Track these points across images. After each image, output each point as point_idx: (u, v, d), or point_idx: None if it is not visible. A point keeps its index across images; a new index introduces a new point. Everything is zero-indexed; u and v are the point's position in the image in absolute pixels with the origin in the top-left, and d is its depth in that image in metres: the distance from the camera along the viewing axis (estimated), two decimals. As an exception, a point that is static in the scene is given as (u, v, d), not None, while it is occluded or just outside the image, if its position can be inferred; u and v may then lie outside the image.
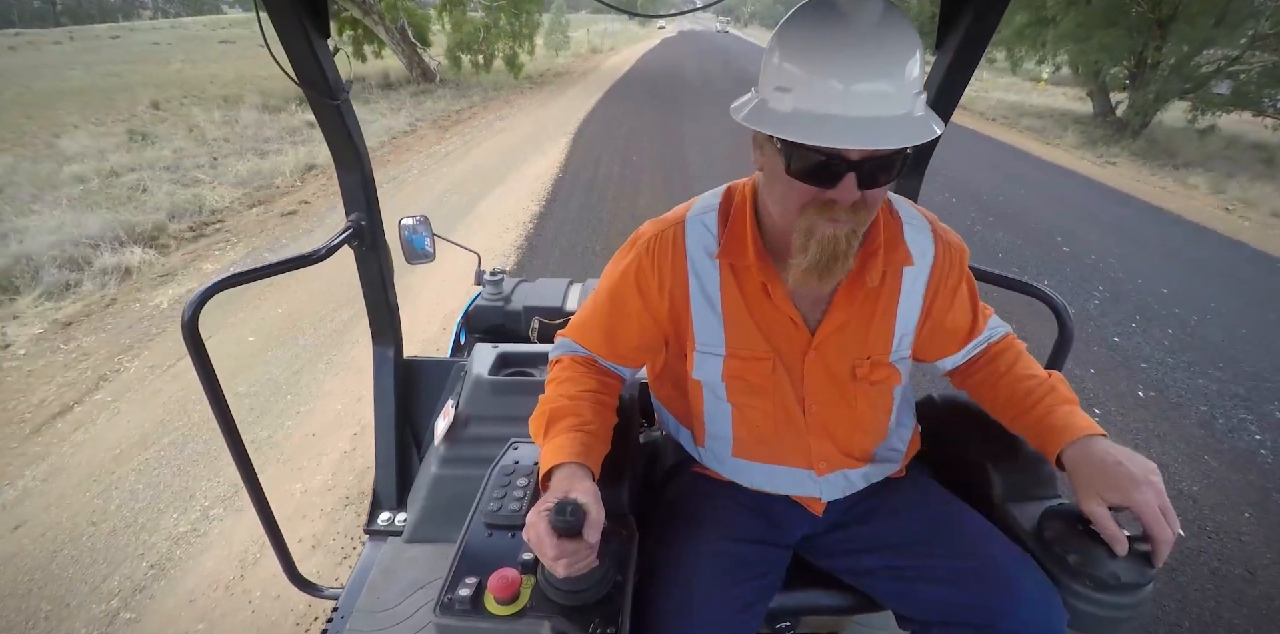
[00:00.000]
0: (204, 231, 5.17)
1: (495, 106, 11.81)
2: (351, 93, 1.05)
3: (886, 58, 0.66)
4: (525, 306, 1.57)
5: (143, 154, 7.76)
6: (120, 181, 6.54)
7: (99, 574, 1.92)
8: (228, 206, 5.78)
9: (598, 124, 10.01)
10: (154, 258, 4.54)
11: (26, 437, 2.60)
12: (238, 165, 7.01)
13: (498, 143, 8.55)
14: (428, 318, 3.51)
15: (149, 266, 4.41)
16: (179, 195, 5.86)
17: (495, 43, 14.71)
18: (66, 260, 4.31)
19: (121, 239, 4.65)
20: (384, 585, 1.04)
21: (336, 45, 1.87)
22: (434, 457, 1.18)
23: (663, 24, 66.73)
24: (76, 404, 2.81)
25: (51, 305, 3.85)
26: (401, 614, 1.00)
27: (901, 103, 0.67)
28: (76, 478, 2.34)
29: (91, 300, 3.89)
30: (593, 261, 4.44)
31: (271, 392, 2.87)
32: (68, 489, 2.28)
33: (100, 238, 4.61)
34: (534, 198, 5.98)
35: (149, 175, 6.63)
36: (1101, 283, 4.32)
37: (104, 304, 3.84)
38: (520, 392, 1.22)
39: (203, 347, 0.89)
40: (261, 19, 0.85)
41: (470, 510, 0.89)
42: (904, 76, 0.66)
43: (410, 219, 1.41)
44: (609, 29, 40.71)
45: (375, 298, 1.22)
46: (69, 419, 2.71)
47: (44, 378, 3.06)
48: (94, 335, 3.46)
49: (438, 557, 1.10)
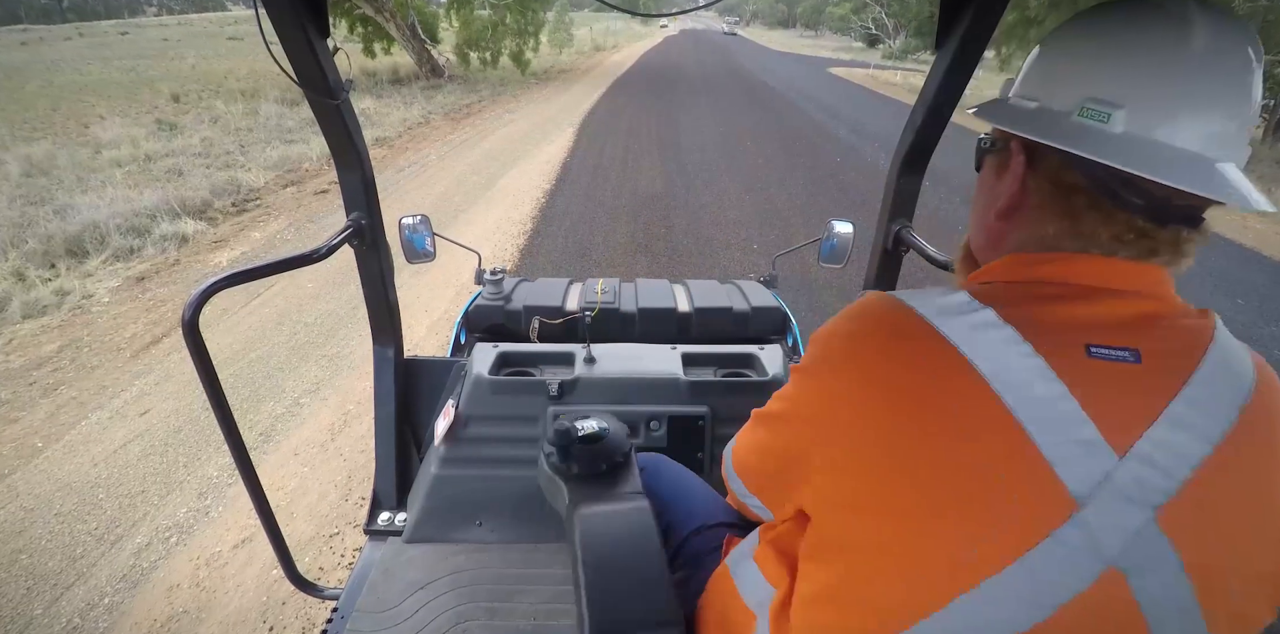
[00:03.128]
0: (246, 207, 5.69)
1: (503, 101, 12.34)
2: (363, 87, 1.26)
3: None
4: (525, 306, 1.54)
5: (172, 142, 8.25)
6: (156, 166, 7.05)
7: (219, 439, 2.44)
8: (263, 186, 6.30)
9: (601, 116, 10.57)
10: (205, 228, 5.06)
11: (129, 359, 3.12)
12: (266, 151, 7.52)
13: (508, 132, 9.08)
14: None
15: (202, 235, 4.92)
16: (216, 177, 6.37)
17: (502, 40, 15.23)
18: (129, 229, 4.83)
19: (175, 211, 5.17)
20: (384, 585, 1.04)
21: (336, 45, 2.07)
22: (434, 457, 1.18)
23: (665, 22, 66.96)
24: (165, 336, 3.33)
25: (122, 265, 4.37)
26: (401, 614, 0.99)
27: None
28: (180, 383, 2.86)
29: (157, 261, 4.41)
30: (597, 231, 4.95)
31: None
32: (176, 390, 2.80)
33: (155, 210, 5.13)
34: (545, 177, 6.52)
35: (183, 160, 7.15)
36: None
37: (169, 264, 4.36)
38: (520, 391, 1.20)
39: (203, 345, 0.88)
40: (261, 19, 0.84)
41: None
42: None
43: (410, 218, 1.39)
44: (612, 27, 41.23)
45: (375, 297, 1.21)
46: (162, 346, 3.22)
47: (130, 319, 3.57)
48: (166, 287, 3.97)
49: (438, 557, 1.10)
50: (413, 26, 13.82)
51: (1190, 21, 0.45)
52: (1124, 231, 0.48)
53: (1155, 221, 0.47)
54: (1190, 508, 0.41)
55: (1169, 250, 0.48)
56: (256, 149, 7.80)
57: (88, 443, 2.47)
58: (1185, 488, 0.41)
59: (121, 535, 2.02)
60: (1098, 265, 0.48)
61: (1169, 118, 0.46)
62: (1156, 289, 0.48)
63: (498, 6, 14.76)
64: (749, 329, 1.57)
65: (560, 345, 1.37)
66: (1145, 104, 0.46)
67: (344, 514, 2.07)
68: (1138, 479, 0.41)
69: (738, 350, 1.38)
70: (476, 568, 1.09)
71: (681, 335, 1.55)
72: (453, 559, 1.10)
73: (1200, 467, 0.42)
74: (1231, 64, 0.45)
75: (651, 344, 1.38)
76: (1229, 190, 0.44)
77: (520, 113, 10.95)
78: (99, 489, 2.21)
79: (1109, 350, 0.44)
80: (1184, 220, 0.47)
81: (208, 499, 2.17)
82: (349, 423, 2.55)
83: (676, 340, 1.41)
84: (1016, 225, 0.53)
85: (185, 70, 17.14)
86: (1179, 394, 0.43)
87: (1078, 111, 0.48)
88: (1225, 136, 0.46)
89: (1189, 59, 0.45)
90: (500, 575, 1.07)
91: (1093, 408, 0.42)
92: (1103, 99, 0.47)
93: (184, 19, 48.51)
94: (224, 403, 0.92)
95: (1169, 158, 0.45)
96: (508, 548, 1.13)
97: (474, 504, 1.17)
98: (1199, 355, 0.45)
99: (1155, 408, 0.43)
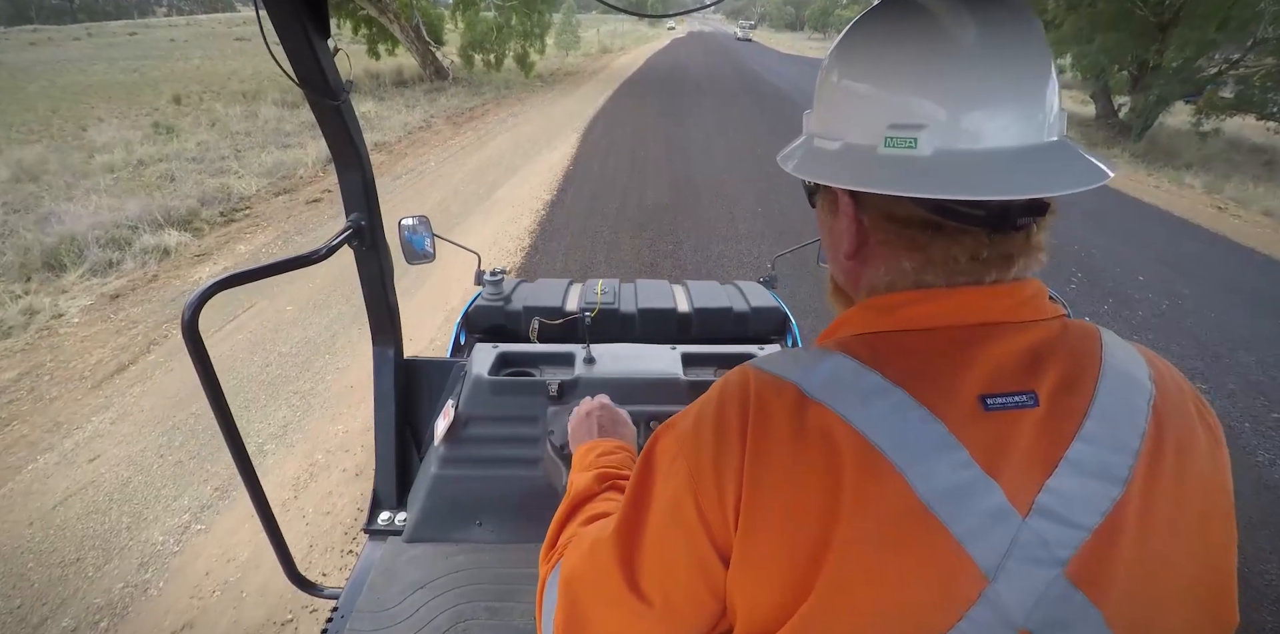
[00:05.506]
0: (234, 217, 5.45)
1: (508, 104, 12.10)
2: (367, 89, 1.18)
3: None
4: (525, 307, 1.54)
5: (168, 146, 8.05)
6: (149, 171, 6.84)
7: (168, 494, 2.18)
8: (254, 194, 6.06)
9: (607, 122, 10.29)
10: (189, 240, 4.82)
11: (89, 390, 2.87)
12: (261, 157, 7.29)
13: (511, 138, 8.82)
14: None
15: (185, 247, 4.69)
16: (207, 184, 6.14)
17: (507, 42, 15.01)
18: (109, 241, 4.59)
19: (159, 222, 4.93)
20: (384, 585, 1.04)
21: (336, 45, 1.95)
22: (434, 457, 1.18)
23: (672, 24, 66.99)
24: (132, 364, 3.08)
25: (98, 281, 4.13)
26: (401, 614, 0.99)
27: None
28: (137, 423, 2.60)
29: (135, 276, 4.17)
30: (599, 247, 4.68)
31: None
32: (131, 432, 2.54)
33: (139, 220, 4.90)
34: (546, 187, 6.25)
35: (176, 166, 6.93)
36: (1080, 270, 4.54)
37: (147, 280, 4.12)
38: (520, 392, 1.21)
39: (203, 346, 0.88)
40: (262, 19, 0.84)
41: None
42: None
43: (410, 219, 1.39)
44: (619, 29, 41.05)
45: (375, 298, 1.21)
46: (127, 376, 2.97)
47: (98, 342, 3.32)
48: (140, 307, 3.73)
49: (438, 557, 1.10)
50: (417, 28, 13.62)
51: (944, 17, 0.43)
52: (979, 248, 0.44)
53: (1003, 230, 0.44)
54: (1102, 557, 0.39)
55: (1024, 252, 0.45)
56: (252, 154, 7.58)
57: (28, 495, 2.22)
58: (1093, 537, 0.39)
59: (46, 617, 1.76)
60: (970, 298, 0.45)
61: (972, 124, 0.43)
62: (1036, 310, 0.46)
63: (503, 8, 14.55)
64: (749, 329, 1.57)
65: (560, 346, 1.36)
66: (943, 118, 0.43)
67: (301, 596, 1.81)
68: (1040, 537, 0.38)
69: (738, 351, 1.37)
70: (476, 568, 1.09)
71: (681, 336, 1.55)
72: (453, 559, 1.11)
73: (1110, 512, 0.39)
74: (1006, 45, 0.43)
75: (651, 344, 1.37)
76: (1058, 177, 0.42)
77: (524, 117, 10.70)
78: (28, 557, 1.96)
79: (1005, 398, 0.41)
80: (1030, 213, 0.44)
81: (149, 571, 1.90)
82: (315, 476, 2.28)
83: (676, 341, 1.40)
84: (869, 264, 0.49)
85: (189, 71, 17.02)
86: (1077, 434, 0.41)
87: (883, 143, 0.45)
88: (1034, 119, 0.44)
89: (963, 58, 0.43)
90: (500, 575, 1.08)
91: (995, 470, 0.39)
92: (903, 123, 0.44)
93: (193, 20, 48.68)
94: (224, 403, 0.91)
95: (988, 167, 0.42)
96: (508, 548, 1.13)
97: (474, 504, 1.17)
98: (1093, 380, 0.43)
99: (1055, 455, 0.40)
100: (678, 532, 0.44)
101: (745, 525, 0.41)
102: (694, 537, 0.44)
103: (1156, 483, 0.40)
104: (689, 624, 0.46)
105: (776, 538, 0.41)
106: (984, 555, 0.38)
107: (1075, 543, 0.38)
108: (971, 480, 0.39)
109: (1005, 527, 0.38)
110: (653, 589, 0.45)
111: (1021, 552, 0.38)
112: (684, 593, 0.45)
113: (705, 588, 0.44)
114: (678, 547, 0.44)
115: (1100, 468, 0.40)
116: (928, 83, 0.43)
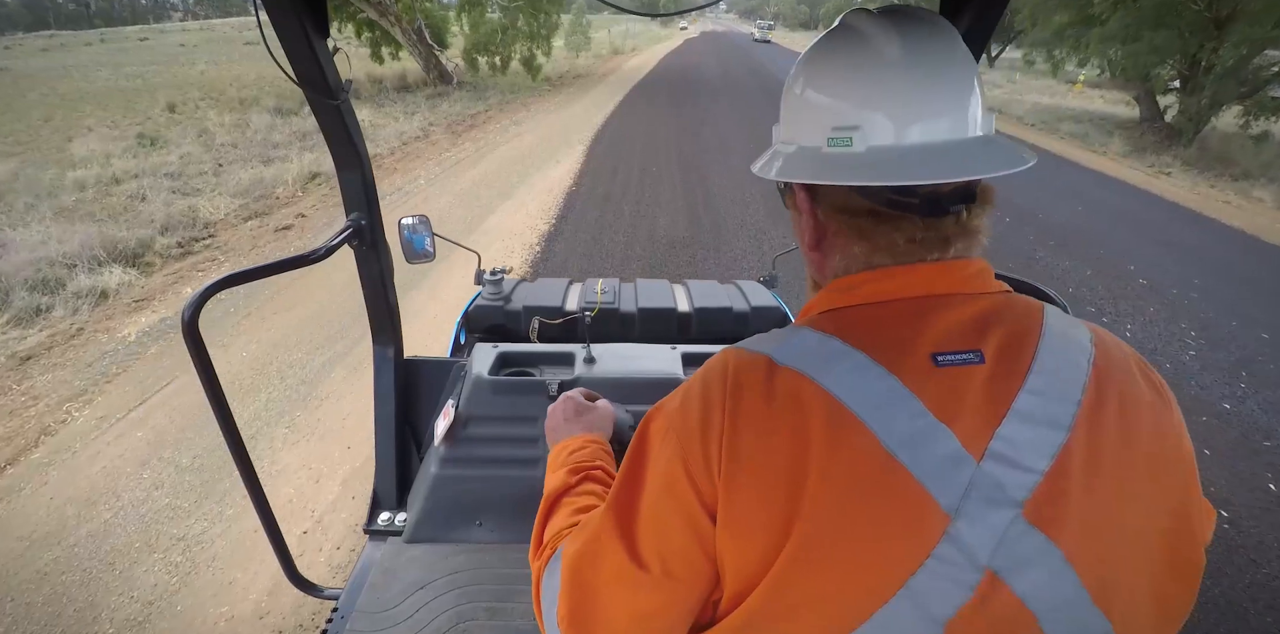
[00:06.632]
0: (192, 248, 4.86)
1: (511, 110, 11.48)
2: (367, 95, 0.80)
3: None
4: (525, 306, 1.56)
5: (148, 159, 7.54)
6: (120, 189, 6.30)
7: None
8: (222, 219, 5.48)
9: (615, 131, 9.61)
10: (134, 279, 4.23)
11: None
12: (240, 173, 6.73)
13: (511, 150, 8.18)
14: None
15: (127, 289, 4.09)
16: (175, 206, 5.58)
17: (513, 44, 14.40)
18: (40, 282, 4.01)
19: (100, 258, 4.34)
20: (384, 585, 1.05)
21: (336, 45, 1.70)
22: (434, 457, 1.17)
23: (685, 24, 66.52)
24: (9, 464, 2.46)
25: (16, 334, 3.54)
26: (402, 614, 1.00)
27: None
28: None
29: (58, 330, 3.57)
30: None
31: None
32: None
33: (79, 256, 4.31)
34: (545, 214, 5.56)
35: (150, 183, 6.39)
36: (1192, 327, 3.77)
37: (68, 336, 3.51)
38: (520, 391, 1.20)
39: (203, 346, 0.87)
40: (261, 19, 0.85)
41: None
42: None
43: (410, 218, 1.39)
44: (631, 29, 40.38)
45: (375, 297, 1.21)
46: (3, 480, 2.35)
47: (-14, 426, 2.72)
48: (50, 374, 3.12)
49: (438, 557, 1.11)
50: (419, 31, 13.05)
51: (874, 37, 0.50)
52: (914, 232, 0.50)
53: (936, 214, 0.49)
54: (1056, 498, 0.42)
55: (959, 234, 0.50)
56: (233, 169, 7.03)
57: None
58: (1046, 480, 0.42)
59: None
60: (915, 275, 0.50)
61: (898, 123, 0.49)
62: (982, 284, 0.51)
63: (509, 9, 13.94)
64: (749, 329, 1.55)
65: (560, 345, 1.37)
66: (873, 119, 0.50)
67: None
68: (995, 480, 0.42)
69: None
70: (476, 568, 1.09)
71: (681, 335, 1.57)
72: (453, 559, 1.11)
73: (1059, 455, 0.43)
74: (926, 56, 0.49)
75: (651, 344, 1.37)
76: (974, 165, 0.48)
77: (527, 125, 10.06)
78: None
79: (954, 356, 0.45)
80: (961, 200, 0.50)
81: None
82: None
83: (676, 340, 1.41)
84: (830, 253, 0.55)
85: (193, 77, 16.64)
86: (1022, 387, 0.44)
87: (826, 143, 0.52)
88: (956, 118, 0.50)
89: (887, 68, 0.49)
90: (500, 575, 1.08)
91: (949, 418, 0.43)
92: (842, 126, 0.51)
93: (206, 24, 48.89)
94: (224, 402, 0.92)
95: (913, 159, 0.48)
96: (508, 548, 1.13)
97: (474, 504, 1.16)
98: (1035, 341, 0.47)
99: (1003, 406, 0.44)
100: (671, 500, 0.48)
101: (727, 485, 0.45)
102: (686, 502, 0.47)
103: (1100, 429, 0.44)
104: (689, 589, 0.48)
105: (754, 494, 0.44)
106: (945, 496, 0.41)
107: (1029, 485, 0.42)
108: (927, 428, 0.43)
109: (962, 470, 0.42)
110: (651, 557, 0.48)
111: (979, 493, 0.41)
112: (681, 558, 0.48)
113: (700, 552, 0.47)
114: (673, 514, 0.48)
115: (1046, 417, 0.44)
116: (858, 90, 0.51)
